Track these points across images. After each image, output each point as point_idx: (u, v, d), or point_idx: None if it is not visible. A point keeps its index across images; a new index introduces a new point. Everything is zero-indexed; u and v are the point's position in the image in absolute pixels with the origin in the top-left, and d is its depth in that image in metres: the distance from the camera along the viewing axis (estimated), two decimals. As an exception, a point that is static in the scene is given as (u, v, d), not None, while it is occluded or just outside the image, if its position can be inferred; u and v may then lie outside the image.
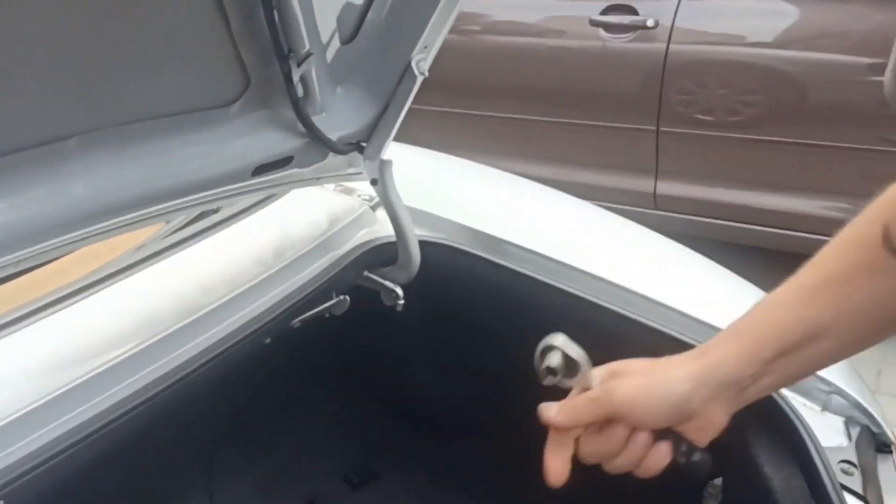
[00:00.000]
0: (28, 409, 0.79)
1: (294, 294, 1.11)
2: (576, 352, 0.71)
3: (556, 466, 0.68)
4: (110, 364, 0.86)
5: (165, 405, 0.97)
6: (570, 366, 0.71)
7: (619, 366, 0.70)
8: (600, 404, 0.67)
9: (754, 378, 0.65)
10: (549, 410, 0.68)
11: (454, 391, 1.52)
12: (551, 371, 0.70)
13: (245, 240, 1.15)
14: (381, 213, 1.30)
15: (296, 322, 1.20)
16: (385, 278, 1.27)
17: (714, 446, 0.70)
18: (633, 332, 1.12)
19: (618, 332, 1.14)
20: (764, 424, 0.94)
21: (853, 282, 0.64)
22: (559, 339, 0.72)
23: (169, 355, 0.91)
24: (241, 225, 1.17)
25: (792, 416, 0.93)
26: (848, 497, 0.87)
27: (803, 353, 0.65)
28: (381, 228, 1.29)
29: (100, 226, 0.83)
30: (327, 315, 1.25)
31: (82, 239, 0.82)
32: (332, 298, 1.22)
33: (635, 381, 0.67)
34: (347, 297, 1.23)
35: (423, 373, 1.54)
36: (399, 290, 1.26)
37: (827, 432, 0.97)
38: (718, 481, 1.04)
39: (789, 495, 0.88)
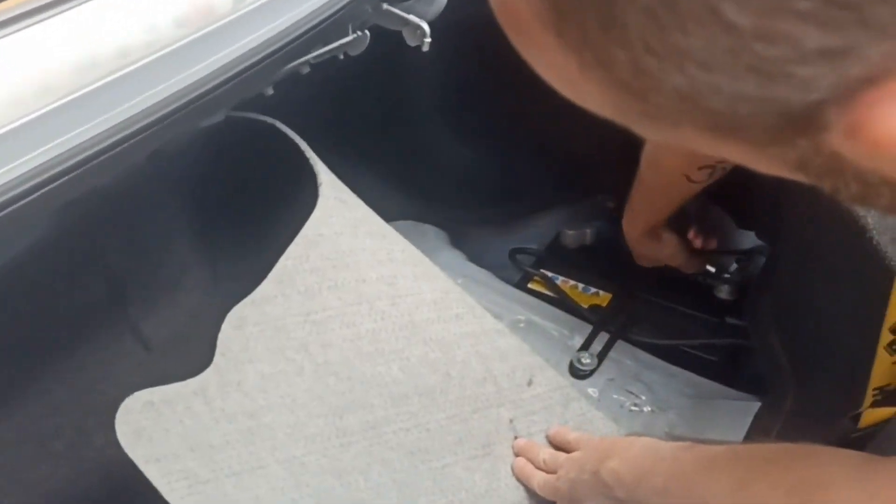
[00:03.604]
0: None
1: (302, 22, 0.89)
2: None
3: None
4: (94, 87, 0.66)
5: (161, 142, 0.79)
6: None
7: None
8: None
9: None
10: None
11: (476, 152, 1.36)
12: None
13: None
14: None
15: (305, 65, 1.00)
16: (409, 12, 1.06)
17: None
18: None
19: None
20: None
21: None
22: None
23: (176, 75, 0.71)
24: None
25: None
26: None
27: None
28: (401, -50, 1.06)
29: None
30: (341, 56, 1.05)
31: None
32: (348, 34, 1.01)
33: None
34: (367, 33, 1.02)
35: (445, 131, 1.36)
36: (425, 26, 1.05)
37: None
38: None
39: None
